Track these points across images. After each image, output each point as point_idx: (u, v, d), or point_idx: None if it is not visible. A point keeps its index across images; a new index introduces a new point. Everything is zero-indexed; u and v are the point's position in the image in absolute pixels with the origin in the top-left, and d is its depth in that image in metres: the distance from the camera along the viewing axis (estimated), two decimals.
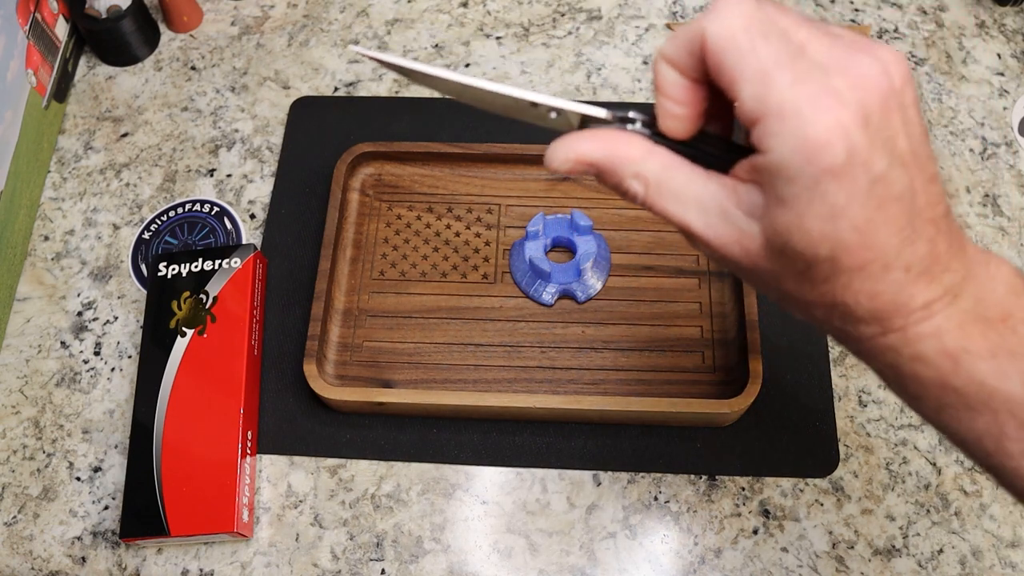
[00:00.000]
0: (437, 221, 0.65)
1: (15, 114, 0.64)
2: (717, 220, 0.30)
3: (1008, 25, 0.73)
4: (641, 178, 0.31)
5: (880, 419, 0.58)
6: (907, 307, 0.29)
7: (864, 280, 0.28)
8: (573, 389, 0.58)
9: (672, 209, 0.31)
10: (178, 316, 0.59)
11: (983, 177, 0.66)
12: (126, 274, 0.65)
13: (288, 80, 0.73)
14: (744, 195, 0.29)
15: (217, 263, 0.60)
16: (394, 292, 0.62)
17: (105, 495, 0.57)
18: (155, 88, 0.73)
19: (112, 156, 0.70)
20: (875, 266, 0.28)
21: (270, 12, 0.77)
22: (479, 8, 0.76)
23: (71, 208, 0.68)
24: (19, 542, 0.56)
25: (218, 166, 0.69)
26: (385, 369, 0.59)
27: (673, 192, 0.30)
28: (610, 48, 0.74)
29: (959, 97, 0.70)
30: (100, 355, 0.62)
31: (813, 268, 0.28)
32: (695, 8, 0.75)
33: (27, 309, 0.64)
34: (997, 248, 0.63)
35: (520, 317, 0.61)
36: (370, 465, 0.57)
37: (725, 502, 0.55)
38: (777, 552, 0.54)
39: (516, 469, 0.57)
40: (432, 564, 0.54)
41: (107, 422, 0.59)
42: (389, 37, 0.75)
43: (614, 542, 0.54)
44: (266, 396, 0.59)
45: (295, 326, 0.61)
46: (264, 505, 0.56)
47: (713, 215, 0.30)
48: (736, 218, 0.29)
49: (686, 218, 0.30)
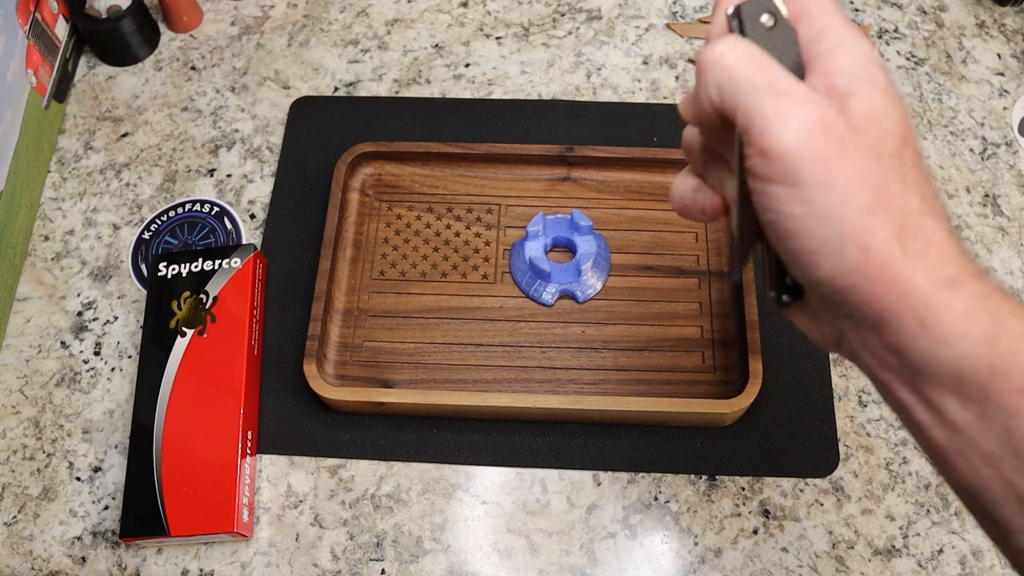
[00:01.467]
0: (437, 221, 0.65)
1: (15, 114, 0.64)
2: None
3: (1008, 25, 0.73)
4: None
5: (880, 419, 0.58)
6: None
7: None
8: (573, 389, 0.58)
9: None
10: (178, 316, 0.59)
11: (983, 177, 0.66)
12: (126, 274, 0.65)
13: (288, 80, 0.73)
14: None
15: (217, 263, 0.60)
16: (394, 292, 0.62)
17: (105, 495, 0.57)
18: (155, 88, 0.73)
19: (112, 156, 0.70)
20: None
21: (270, 12, 0.77)
22: (479, 8, 0.76)
23: (71, 208, 0.68)
24: (19, 542, 0.56)
25: (218, 166, 0.69)
26: (385, 369, 0.59)
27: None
28: (610, 48, 0.74)
29: (959, 97, 0.70)
30: (100, 355, 0.62)
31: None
32: (695, 8, 0.75)
33: (27, 309, 0.64)
34: (997, 248, 0.63)
35: (520, 317, 0.61)
36: (370, 465, 0.57)
37: (725, 502, 0.55)
38: (777, 552, 0.54)
39: (516, 469, 0.57)
40: (432, 564, 0.54)
41: (107, 422, 0.59)
42: (389, 37, 0.75)
43: (614, 542, 0.54)
44: (266, 396, 0.59)
45: (295, 326, 0.61)
46: (264, 505, 0.56)
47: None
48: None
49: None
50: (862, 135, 0.28)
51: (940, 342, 0.28)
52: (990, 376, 0.27)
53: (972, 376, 0.27)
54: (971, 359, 0.27)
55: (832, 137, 0.28)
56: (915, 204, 0.28)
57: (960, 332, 0.27)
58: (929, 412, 0.29)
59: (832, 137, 0.28)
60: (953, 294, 0.28)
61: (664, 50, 0.73)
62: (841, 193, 0.28)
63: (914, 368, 0.29)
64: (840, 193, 0.28)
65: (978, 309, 0.28)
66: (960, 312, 0.27)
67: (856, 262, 0.28)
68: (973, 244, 0.63)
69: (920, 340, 0.28)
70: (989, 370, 0.27)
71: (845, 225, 0.28)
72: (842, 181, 0.28)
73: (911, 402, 0.30)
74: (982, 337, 0.27)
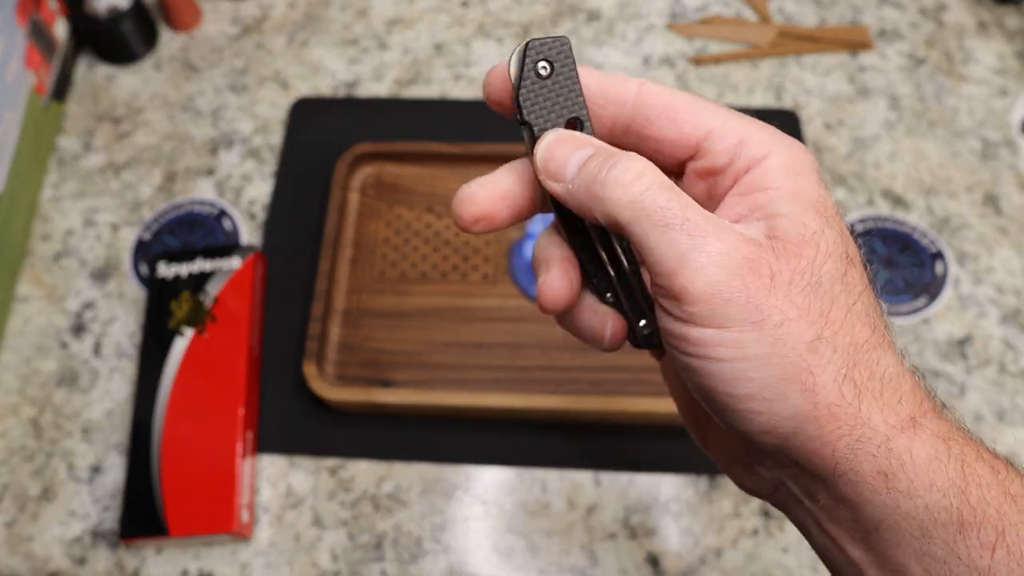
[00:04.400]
0: (437, 221, 0.65)
1: (15, 114, 0.64)
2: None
3: (1008, 25, 0.73)
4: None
5: None
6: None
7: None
8: (573, 389, 0.58)
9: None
10: (178, 316, 0.59)
11: (983, 177, 0.66)
12: (126, 274, 0.65)
13: (288, 80, 0.73)
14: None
15: (217, 263, 0.60)
16: (394, 292, 0.62)
17: (105, 495, 0.57)
18: (155, 88, 0.73)
19: (112, 156, 0.70)
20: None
21: (270, 12, 0.77)
22: (479, 8, 0.76)
23: (71, 208, 0.68)
24: (19, 542, 0.56)
25: (218, 166, 0.69)
26: (385, 369, 0.59)
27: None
28: (610, 48, 0.73)
29: (959, 97, 0.70)
30: (100, 355, 0.62)
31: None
32: (695, 8, 0.75)
33: (27, 309, 0.64)
34: (997, 248, 0.63)
35: (520, 317, 0.61)
36: (370, 465, 0.57)
37: (725, 502, 0.55)
38: (777, 552, 0.54)
39: (516, 469, 0.57)
40: (432, 564, 0.54)
41: (107, 422, 0.59)
42: (389, 37, 0.75)
43: (614, 542, 0.54)
44: (266, 396, 0.59)
45: (295, 326, 0.61)
46: (264, 505, 0.56)
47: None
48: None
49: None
50: (795, 262, 0.25)
51: (904, 494, 0.24)
52: (958, 531, 0.24)
53: (939, 532, 0.24)
54: (938, 511, 0.24)
55: (760, 271, 0.24)
56: (864, 335, 0.25)
57: (926, 482, 0.24)
58: (883, 571, 0.25)
59: (760, 271, 0.24)
60: (914, 437, 0.24)
61: (664, 50, 0.73)
62: (777, 331, 0.24)
63: (872, 524, 0.25)
64: (775, 331, 0.24)
65: (943, 454, 0.24)
66: (924, 459, 0.24)
67: (800, 406, 0.24)
68: (973, 244, 0.63)
69: (880, 493, 0.24)
70: (958, 524, 0.24)
71: (785, 366, 0.24)
72: (776, 317, 0.24)
73: (863, 561, 0.25)
74: (950, 487, 0.24)
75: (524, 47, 0.27)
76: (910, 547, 0.24)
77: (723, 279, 0.24)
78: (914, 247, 0.63)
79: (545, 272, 0.29)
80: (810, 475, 0.26)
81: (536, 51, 0.27)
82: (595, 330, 0.29)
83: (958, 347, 0.60)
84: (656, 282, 0.25)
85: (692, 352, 0.25)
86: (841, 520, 0.25)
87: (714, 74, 0.72)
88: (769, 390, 0.24)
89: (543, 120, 0.27)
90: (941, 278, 0.62)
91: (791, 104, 0.70)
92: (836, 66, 0.72)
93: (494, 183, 0.29)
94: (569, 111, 0.27)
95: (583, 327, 0.30)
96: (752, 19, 0.75)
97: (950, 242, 0.63)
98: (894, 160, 0.67)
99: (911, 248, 0.63)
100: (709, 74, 0.72)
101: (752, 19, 0.75)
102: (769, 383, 0.24)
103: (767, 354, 0.24)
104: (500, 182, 0.29)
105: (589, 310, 0.29)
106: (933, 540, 0.24)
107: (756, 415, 0.25)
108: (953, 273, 0.62)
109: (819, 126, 0.69)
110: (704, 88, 0.71)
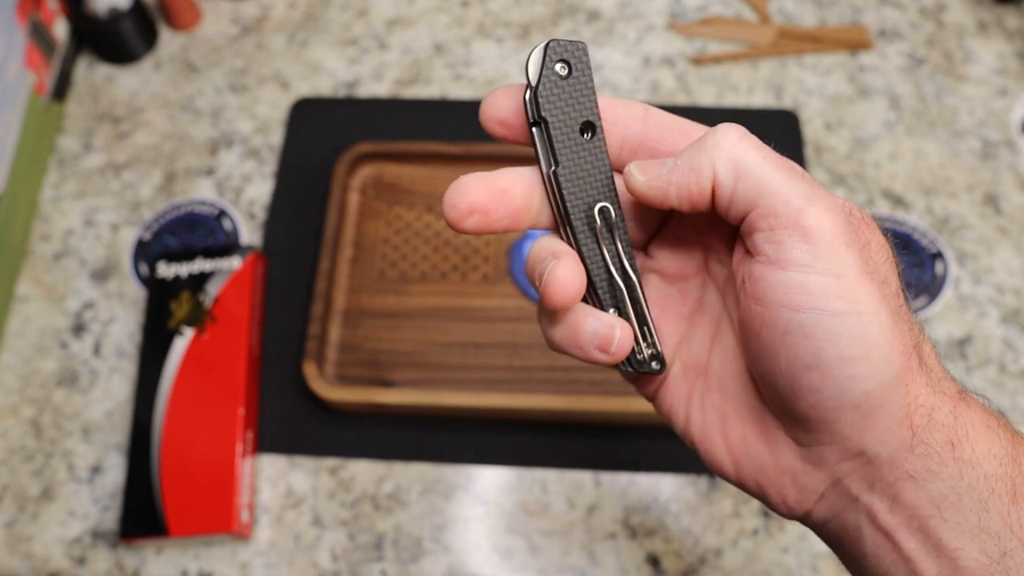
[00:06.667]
0: (437, 221, 0.65)
1: (15, 114, 0.64)
2: None
3: (1008, 25, 0.73)
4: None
5: None
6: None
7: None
8: (573, 389, 0.58)
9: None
10: (178, 316, 0.59)
11: (983, 177, 0.66)
12: (126, 274, 0.65)
13: (288, 80, 0.73)
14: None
15: (217, 263, 0.60)
16: (394, 292, 0.62)
17: (105, 495, 0.57)
18: (155, 88, 0.73)
19: (112, 156, 0.70)
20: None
21: (270, 12, 0.77)
22: (479, 8, 0.76)
23: (71, 208, 0.68)
24: (19, 542, 0.56)
25: (218, 166, 0.69)
26: (385, 369, 0.59)
27: None
28: (610, 48, 0.73)
29: (959, 97, 0.70)
30: (100, 355, 0.62)
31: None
32: (695, 8, 0.75)
33: (27, 309, 0.64)
34: (997, 248, 0.63)
35: (520, 317, 0.61)
36: (370, 465, 0.57)
37: (725, 502, 0.55)
38: (777, 553, 0.54)
39: (516, 469, 0.57)
40: (432, 564, 0.54)
41: (107, 422, 0.59)
42: (389, 37, 0.75)
43: (614, 542, 0.54)
44: (266, 396, 0.59)
45: (295, 326, 0.61)
46: (264, 505, 0.56)
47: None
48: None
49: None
50: (868, 234, 0.26)
51: (968, 463, 0.24)
52: (1012, 500, 0.23)
53: (995, 503, 0.24)
54: (995, 480, 0.24)
55: (860, 230, 0.25)
56: (912, 318, 0.26)
57: (985, 450, 0.24)
58: (938, 562, 0.24)
59: (860, 230, 0.25)
60: (969, 408, 0.24)
61: (664, 50, 0.73)
62: (883, 287, 0.24)
63: (936, 502, 0.24)
64: (882, 287, 0.24)
65: (993, 424, 0.24)
66: (982, 427, 0.24)
67: (899, 369, 0.24)
68: (973, 244, 0.63)
69: (947, 464, 0.24)
70: (1011, 494, 0.24)
71: (889, 325, 0.24)
72: (879, 274, 0.24)
73: (918, 554, 0.24)
74: (1004, 455, 0.24)
75: (545, 46, 0.27)
76: (968, 524, 0.24)
77: (844, 223, 0.24)
78: (914, 247, 0.63)
79: (554, 261, 0.27)
80: (874, 463, 0.25)
81: (556, 51, 0.27)
82: (600, 335, 0.27)
83: (958, 347, 0.60)
84: (773, 225, 0.24)
85: (806, 305, 0.24)
86: (901, 508, 0.24)
87: (714, 74, 0.72)
88: (880, 351, 0.23)
89: (558, 119, 0.27)
90: (941, 278, 0.62)
91: (791, 104, 0.70)
92: (836, 66, 0.72)
93: (492, 178, 0.28)
94: (582, 115, 0.27)
95: (585, 333, 0.27)
96: (752, 19, 0.75)
97: (950, 242, 0.63)
98: (894, 160, 0.67)
99: (911, 248, 0.63)
100: (709, 74, 0.72)
101: (752, 19, 0.75)
102: (880, 343, 0.23)
103: (876, 311, 0.23)
104: (499, 178, 0.28)
105: (592, 316, 0.28)
106: (990, 513, 0.23)
107: (860, 381, 0.23)
108: (953, 273, 0.62)
109: (819, 126, 0.69)
110: (704, 88, 0.71)
